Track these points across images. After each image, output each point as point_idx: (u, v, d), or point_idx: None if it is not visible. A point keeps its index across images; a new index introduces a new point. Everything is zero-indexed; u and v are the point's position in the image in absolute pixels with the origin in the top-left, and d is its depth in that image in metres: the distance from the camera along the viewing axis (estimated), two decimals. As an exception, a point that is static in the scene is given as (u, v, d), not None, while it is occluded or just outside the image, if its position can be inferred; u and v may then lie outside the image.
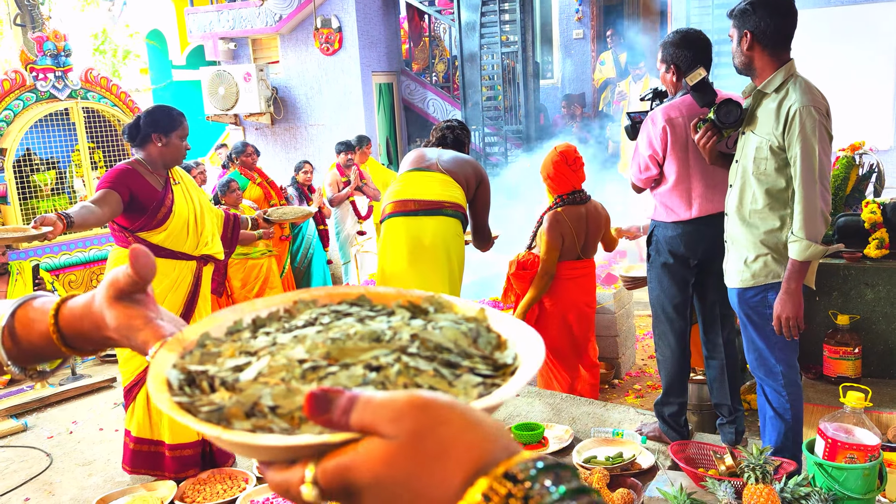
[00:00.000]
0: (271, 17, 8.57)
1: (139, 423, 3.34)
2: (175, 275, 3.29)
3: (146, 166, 3.27)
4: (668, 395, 3.38)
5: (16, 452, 3.86)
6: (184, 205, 3.33)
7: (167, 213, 3.26)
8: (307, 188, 6.80)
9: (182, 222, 3.31)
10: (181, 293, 3.31)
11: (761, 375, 2.89)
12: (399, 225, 3.74)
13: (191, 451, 3.35)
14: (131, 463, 3.37)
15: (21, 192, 5.53)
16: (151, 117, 3.26)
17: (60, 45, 5.64)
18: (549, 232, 3.87)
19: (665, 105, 3.12)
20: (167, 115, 3.27)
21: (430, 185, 3.76)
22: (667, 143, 3.06)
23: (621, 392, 4.67)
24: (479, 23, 8.43)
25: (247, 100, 8.46)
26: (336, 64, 8.56)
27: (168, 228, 3.26)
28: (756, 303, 2.82)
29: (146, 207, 3.21)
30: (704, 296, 3.29)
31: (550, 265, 3.90)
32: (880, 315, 3.76)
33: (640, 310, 5.83)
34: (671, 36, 3.17)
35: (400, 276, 3.75)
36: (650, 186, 3.23)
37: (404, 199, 3.75)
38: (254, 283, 5.67)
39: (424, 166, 3.81)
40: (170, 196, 3.29)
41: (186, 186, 3.43)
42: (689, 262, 3.17)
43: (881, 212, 3.89)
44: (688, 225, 3.13)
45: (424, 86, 9.20)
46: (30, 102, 5.55)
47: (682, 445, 2.96)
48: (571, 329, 4.03)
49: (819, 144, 2.59)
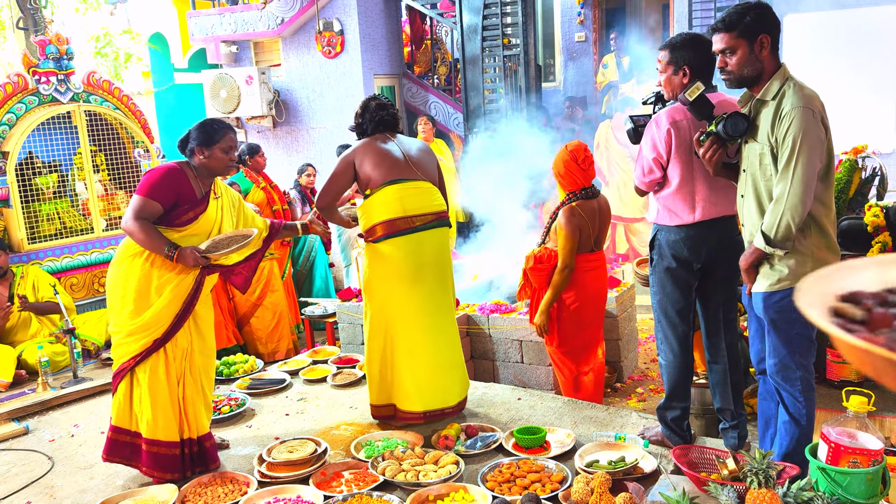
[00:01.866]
0: (273, 20, 8.58)
1: (118, 411, 3.36)
2: (177, 270, 3.31)
3: (193, 171, 3.40)
4: (670, 399, 3.36)
5: (17, 456, 3.86)
6: (212, 217, 3.41)
7: (193, 218, 3.34)
8: (310, 191, 6.80)
9: (202, 230, 3.38)
10: (181, 291, 3.32)
11: (779, 381, 2.86)
12: (395, 247, 3.64)
13: (167, 450, 3.33)
14: (108, 451, 3.40)
15: (23, 195, 5.53)
16: (195, 131, 3.39)
17: (63, 48, 5.65)
18: (567, 225, 3.92)
19: (669, 108, 3.11)
20: (209, 129, 3.38)
21: (418, 198, 3.66)
22: (671, 146, 3.06)
23: (624, 396, 4.66)
24: (482, 26, 8.43)
25: (249, 103, 8.47)
26: (338, 67, 8.57)
27: (185, 232, 3.32)
28: (783, 306, 2.78)
29: (179, 205, 3.31)
30: (707, 300, 3.28)
31: (570, 258, 3.96)
32: (883, 319, 3.74)
33: (642, 313, 5.82)
34: (679, 39, 3.15)
35: (403, 296, 3.68)
36: (653, 189, 3.23)
37: (396, 218, 3.63)
38: (255, 285, 5.66)
39: (406, 176, 3.67)
40: (204, 206, 3.39)
41: (223, 203, 3.51)
42: (693, 265, 3.17)
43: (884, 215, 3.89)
44: (691, 228, 3.12)
45: (426, 88, 9.20)
46: (32, 106, 5.56)
47: (684, 450, 2.96)
48: (585, 321, 4.07)
49: (807, 144, 2.58)
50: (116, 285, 3.34)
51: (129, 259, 3.30)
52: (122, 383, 3.34)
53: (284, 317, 5.78)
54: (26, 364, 4.92)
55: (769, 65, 2.72)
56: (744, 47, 2.70)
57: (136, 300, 3.28)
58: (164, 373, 3.31)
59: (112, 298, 3.36)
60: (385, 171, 3.64)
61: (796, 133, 2.58)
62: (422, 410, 3.74)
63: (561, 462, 3.18)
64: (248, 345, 5.69)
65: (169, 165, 3.36)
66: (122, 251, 3.35)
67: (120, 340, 3.32)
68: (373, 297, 3.76)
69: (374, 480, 3.14)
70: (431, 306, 3.71)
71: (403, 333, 3.71)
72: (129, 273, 3.30)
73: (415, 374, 3.72)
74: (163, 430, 3.31)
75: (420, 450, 3.38)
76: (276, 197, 6.13)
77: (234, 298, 5.71)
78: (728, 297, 3.27)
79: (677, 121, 3.05)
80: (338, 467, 3.32)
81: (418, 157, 3.76)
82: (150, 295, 3.29)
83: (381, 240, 3.65)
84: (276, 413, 4.20)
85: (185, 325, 3.35)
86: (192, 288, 3.36)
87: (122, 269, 3.32)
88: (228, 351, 5.44)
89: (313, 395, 4.44)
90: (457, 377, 3.84)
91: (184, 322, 3.34)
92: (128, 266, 3.30)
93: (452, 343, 3.83)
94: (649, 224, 3.40)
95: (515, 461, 3.21)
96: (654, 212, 3.25)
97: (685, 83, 3.11)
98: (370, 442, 3.56)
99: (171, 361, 3.33)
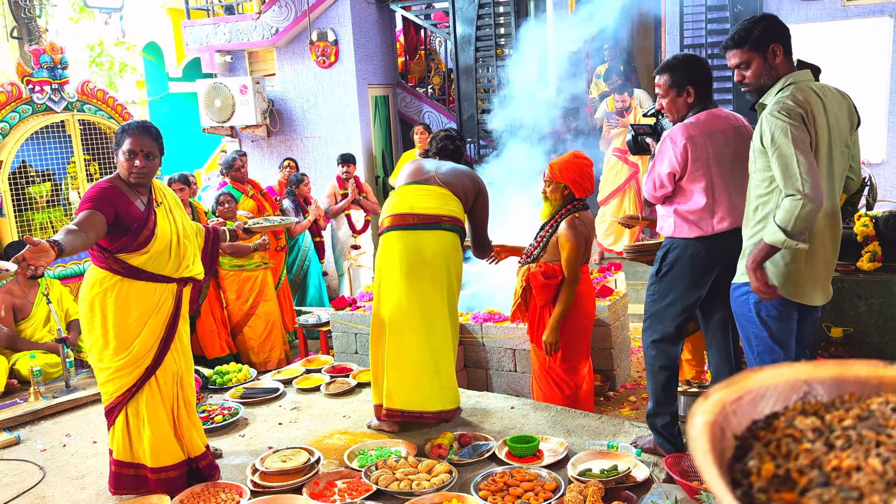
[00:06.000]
0: (268, 29, 8.61)
1: (118, 446, 3.27)
2: (156, 297, 3.18)
3: (124, 182, 3.16)
4: (658, 405, 3.39)
5: (8, 465, 3.84)
6: (166, 226, 3.19)
7: (150, 235, 3.11)
8: (303, 200, 6.81)
9: (164, 245, 3.16)
10: (163, 316, 3.21)
11: None
12: (397, 239, 3.74)
13: (176, 472, 3.29)
14: (114, 485, 3.32)
15: (16, 204, 5.53)
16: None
17: (57, 57, 5.66)
18: (575, 238, 3.90)
19: (682, 124, 3.15)
20: (118, 132, 3.14)
21: (429, 199, 3.77)
22: (687, 161, 3.09)
23: (616, 404, 4.67)
24: (475, 36, 8.47)
25: (243, 112, 8.48)
26: (332, 76, 8.60)
27: (150, 251, 3.12)
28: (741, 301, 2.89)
29: (128, 228, 3.06)
30: (712, 311, 3.29)
31: (576, 270, 3.94)
32: (873, 328, 3.77)
33: (635, 322, 5.84)
34: (676, 61, 3.20)
35: (397, 290, 3.74)
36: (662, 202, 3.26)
37: (402, 213, 3.76)
38: (248, 294, 5.67)
39: (423, 179, 3.82)
40: (152, 217, 3.15)
41: (169, 206, 3.29)
42: (706, 277, 3.18)
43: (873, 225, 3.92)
44: (711, 240, 3.14)
45: (420, 98, 9.24)
46: (26, 115, 5.56)
47: (676, 458, 2.97)
48: (583, 333, 4.06)
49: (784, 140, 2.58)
50: (93, 325, 3.13)
51: (101, 295, 3.11)
52: (118, 418, 3.25)
53: (277, 326, 5.78)
54: (18, 374, 4.90)
55: (784, 71, 2.77)
56: (757, 59, 2.76)
57: (117, 336, 3.11)
58: (160, 399, 3.25)
59: (91, 337, 3.17)
60: (408, 176, 3.90)
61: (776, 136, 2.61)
62: (399, 409, 3.76)
63: (554, 471, 3.18)
64: (241, 354, 5.69)
65: (100, 183, 3.11)
66: (89, 288, 3.14)
67: (109, 377, 3.19)
68: (374, 291, 3.87)
69: (367, 490, 3.13)
70: (421, 306, 3.72)
71: (392, 329, 3.74)
72: (103, 310, 3.10)
73: (396, 370, 3.74)
74: (167, 455, 3.27)
75: (413, 459, 3.38)
76: (267, 205, 6.13)
77: (227, 307, 5.71)
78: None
79: (693, 136, 3.09)
80: (331, 476, 3.31)
81: (447, 172, 3.88)
82: (130, 327, 3.13)
83: (385, 231, 3.78)
84: (270, 422, 4.19)
85: (171, 347, 3.25)
86: (173, 307, 3.25)
87: (94, 306, 3.12)
88: (221, 360, 5.44)
89: (307, 404, 4.43)
90: (438, 384, 3.77)
91: (170, 345, 3.25)
92: (100, 303, 3.10)
93: (440, 349, 3.77)
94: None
95: (508, 470, 3.21)
96: (670, 226, 3.25)
97: (690, 103, 3.15)
98: (364, 451, 3.56)
99: (163, 387, 3.25)
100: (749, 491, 0.49)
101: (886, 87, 6.62)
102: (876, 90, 6.64)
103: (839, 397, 0.57)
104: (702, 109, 3.16)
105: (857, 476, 0.48)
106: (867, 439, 0.51)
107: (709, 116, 3.13)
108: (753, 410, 0.56)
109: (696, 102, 3.15)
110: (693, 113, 3.16)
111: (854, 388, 0.58)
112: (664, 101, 3.20)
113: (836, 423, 0.54)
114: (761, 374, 0.58)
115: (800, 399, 0.57)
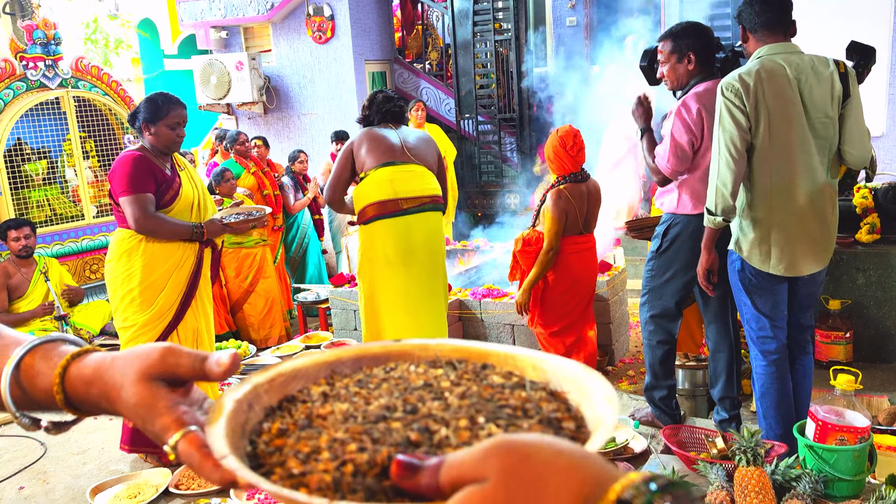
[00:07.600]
0: (263, 5, 8.52)
1: None
2: (179, 255, 3.36)
3: (150, 151, 3.36)
4: (656, 378, 3.40)
5: (10, 441, 3.86)
6: (189, 189, 3.44)
7: (175, 195, 3.35)
8: (302, 177, 6.78)
9: (187, 205, 3.40)
10: (185, 273, 3.38)
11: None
12: (387, 228, 3.62)
13: None
14: (130, 441, 3.40)
15: (12, 182, 5.50)
16: (141, 107, 3.34)
17: (50, 33, 5.60)
18: (554, 208, 3.93)
19: (690, 93, 3.11)
20: (153, 105, 3.32)
21: (410, 181, 3.64)
22: (703, 128, 3.06)
23: (615, 379, 4.69)
24: (473, 10, 8.39)
25: (239, 89, 8.42)
26: (329, 52, 8.52)
27: (174, 210, 3.36)
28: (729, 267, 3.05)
29: (157, 188, 3.30)
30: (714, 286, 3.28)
31: (554, 241, 3.97)
32: (871, 300, 3.78)
33: (633, 297, 5.85)
34: (679, 28, 3.16)
35: (393, 279, 3.68)
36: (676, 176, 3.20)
37: (386, 200, 3.61)
38: (248, 271, 5.66)
39: (397, 159, 3.66)
40: (177, 179, 3.40)
41: (190, 173, 3.54)
42: None
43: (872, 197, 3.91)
44: None
45: (417, 74, 9.16)
46: (20, 91, 5.52)
47: (674, 430, 2.98)
48: (572, 304, 4.08)
49: (718, 123, 2.76)
50: (119, 282, 3.34)
51: (126, 255, 3.32)
52: None
53: (277, 303, 5.79)
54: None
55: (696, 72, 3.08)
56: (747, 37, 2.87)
57: (142, 293, 3.30)
58: None
59: (116, 296, 3.36)
60: (379, 155, 3.64)
61: (718, 112, 2.81)
62: None
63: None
64: (241, 331, 5.69)
65: (129, 155, 3.30)
66: (116, 248, 3.36)
67: (133, 334, 3.32)
68: (364, 280, 3.76)
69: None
70: (419, 290, 3.70)
71: (390, 317, 3.71)
72: (130, 269, 3.31)
73: None
74: None
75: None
76: (267, 182, 6.11)
77: (227, 285, 5.70)
78: None
79: (706, 104, 3.05)
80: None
81: (415, 144, 3.74)
82: (156, 284, 3.32)
83: (371, 221, 3.64)
84: (269, 398, 4.20)
85: (192, 304, 3.40)
86: (195, 266, 3.41)
87: (120, 265, 3.33)
88: (221, 337, 5.44)
89: (306, 379, 4.44)
90: None
91: (191, 301, 3.39)
92: (126, 262, 3.32)
93: (439, 330, 3.80)
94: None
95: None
96: (672, 201, 3.22)
97: (690, 70, 3.11)
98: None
99: (182, 343, 3.35)
100: (255, 443, 0.57)
101: (887, 59, 6.58)
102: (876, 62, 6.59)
103: (357, 371, 0.68)
104: (703, 79, 3.12)
105: (331, 418, 0.58)
106: (353, 394, 0.62)
107: (714, 86, 3.06)
108: (284, 389, 0.65)
109: (697, 71, 3.11)
110: (695, 82, 3.12)
111: (370, 362, 0.69)
112: (664, 67, 3.16)
113: (340, 388, 0.64)
114: (293, 361, 0.67)
115: (325, 376, 0.67)
